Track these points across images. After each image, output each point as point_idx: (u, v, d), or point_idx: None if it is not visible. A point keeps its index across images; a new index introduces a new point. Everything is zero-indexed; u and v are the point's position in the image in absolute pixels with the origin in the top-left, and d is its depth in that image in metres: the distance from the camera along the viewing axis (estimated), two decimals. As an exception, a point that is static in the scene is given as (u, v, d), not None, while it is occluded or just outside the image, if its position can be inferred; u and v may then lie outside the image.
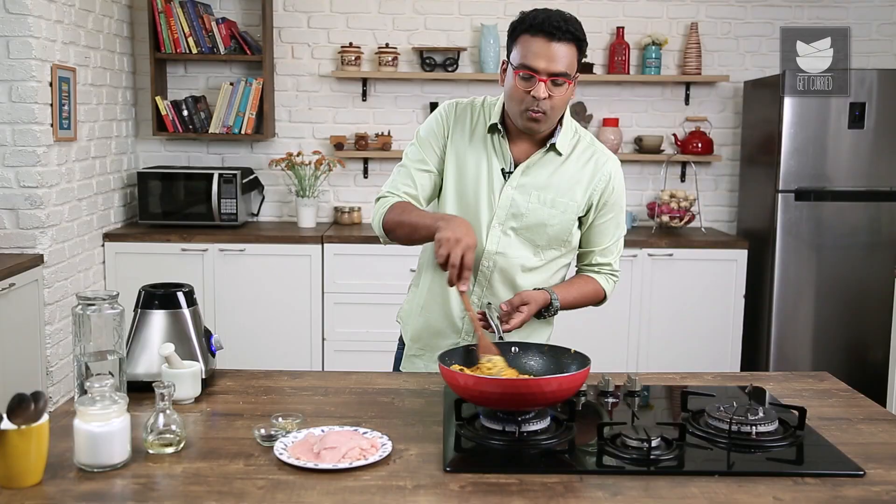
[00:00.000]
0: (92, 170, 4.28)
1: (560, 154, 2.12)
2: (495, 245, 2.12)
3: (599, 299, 2.25)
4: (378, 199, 2.17)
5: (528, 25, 1.97)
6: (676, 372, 2.21)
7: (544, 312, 2.09)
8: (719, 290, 4.55)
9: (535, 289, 2.11)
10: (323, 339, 4.46)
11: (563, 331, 4.39)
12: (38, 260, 3.71)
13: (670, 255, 4.50)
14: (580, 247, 2.22)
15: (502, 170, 2.12)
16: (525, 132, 2.08)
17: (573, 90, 2.05)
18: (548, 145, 2.10)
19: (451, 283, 1.88)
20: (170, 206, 4.58)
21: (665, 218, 4.72)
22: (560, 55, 1.95)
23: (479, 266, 2.13)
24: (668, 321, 4.53)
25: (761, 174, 4.67)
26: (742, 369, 4.61)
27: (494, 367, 1.82)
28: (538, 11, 1.98)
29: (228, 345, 4.38)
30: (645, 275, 4.50)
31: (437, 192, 2.20)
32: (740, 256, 4.54)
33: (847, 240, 4.47)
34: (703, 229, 4.85)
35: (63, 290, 3.93)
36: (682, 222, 4.72)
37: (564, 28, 1.94)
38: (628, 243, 4.45)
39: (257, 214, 4.95)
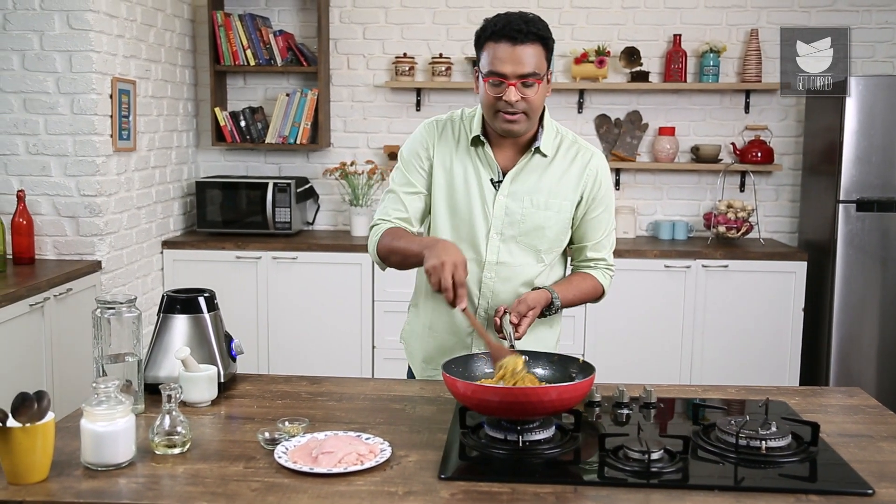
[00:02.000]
0: (151, 179, 4.42)
1: (545, 156, 2.13)
2: (495, 255, 2.13)
3: (598, 295, 2.26)
4: (371, 227, 2.20)
5: (491, 32, 1.99)
6: (700, 385, 2.16)
7: (545, 311, 2.09)
8: (777, 303, 4.42)
9: (534, 289, 2.12)
10: (373, 347, 4.51)
11: (614, 339, 4.33)
12: (95, 266, 3.84)
13: (725, 266, 4.40)
14: (572, 243, 2.24)
15: (491, 180, 2.13)
16: (505, 136, 2.09)
17: (548, 88, 2.06)
18: (532, 149, 2.11)
19: (452, 306, 1.90)
20: (227, 214, 4.69)
21: (721, 228, 4.62)
22: (526, 57, 1.96)
23: (482, 278, 2.14)
24: (723, 334, 4.43)
25: (822, 184, 4.54)
26: (801, 384, 4.47)
27: (507, 369, 1.81)
28: (500, 17, 2.00)
29: (279, 350, 4.51)
30: (699, 286, 4.41)
31: (429, 210, 2.21)
32: (799, 268, 4.40)
33: (913, 252, 4.31)
34: (761, 240, 4.72)
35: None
36: (739, 233, 4.61)
37: (526, 30, 1.95)
38: (682, 254, 4.42)
39: (312, 223, 5.03)
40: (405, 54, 4.84)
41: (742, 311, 4.42)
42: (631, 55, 4.74)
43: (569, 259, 2.31)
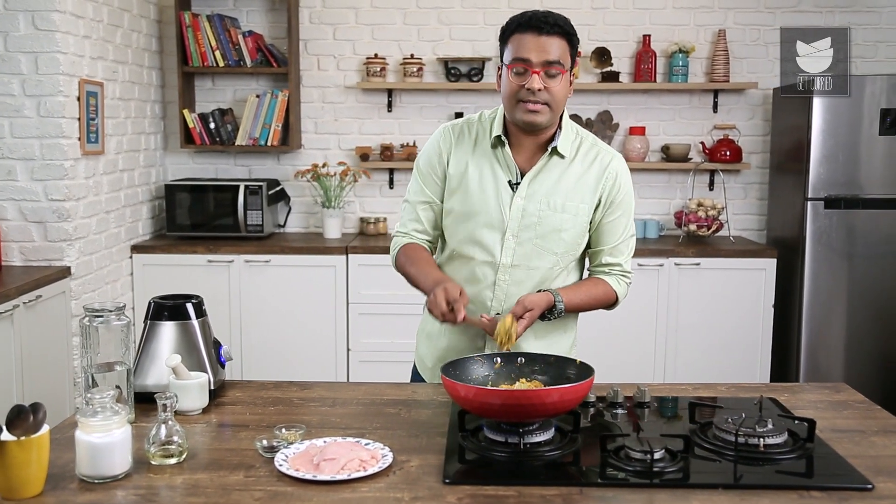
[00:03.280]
0: (120, 182, 4.34)
1: (563, 157, 2.11)
2: (510, 258, 2.11)
3: (611, 301, 2.22)
4: (394, 236, 2.25)
5: (517, 24, 2.02)
6: (690, 383, 2.17)
7: (548, 315, 2.07)
8: (748, 300, 4.48)
9: (538, 290, 2.10)
10: (348, 350, 4.48)
11: (589, 340, 4.35)
12: (65, 272, 3.76)
13: (697, 264, 4.45)
14: (589, 247, 2.21)
15: (509, 181, 2.11)
16: (526, 129, 2.07)
17: (570, 87, 2.06)
18: (550, 150, 2.10)
19: (455, 323, 1.95)
20: (197, 217, 4.63)
21: (692, 227, 4.67)
22: (551, 46, 1.98)
23: (496, 280, 2.12)
24: (696, 331, 4.48)
25: (790, 182, 4.60)
26: (771, 380, 4.53)
27: (501, 331, 1.94)
28: (525, 11, 2.03)
29: (253, 355, 4.46)
30: (672, 284, 4.45)
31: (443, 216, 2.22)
32: (769, 265, 4.46)
33: (879, 248, 4.38)
34: (731, 238, 4.78)
35: (90, 302, 3.97)
36: (710, 231, 4.66)
37: (552, 21, 1.99)
38: (655, 252, 4.45)
39: (284, 225, 4.98)
40: (376, 55, 4.82)
41: (714, 308, 4.48)
42: (601, 55, 4.77)
43: (586, 263, 2.29)
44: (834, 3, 4.85)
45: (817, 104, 4.31)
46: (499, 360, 1.90)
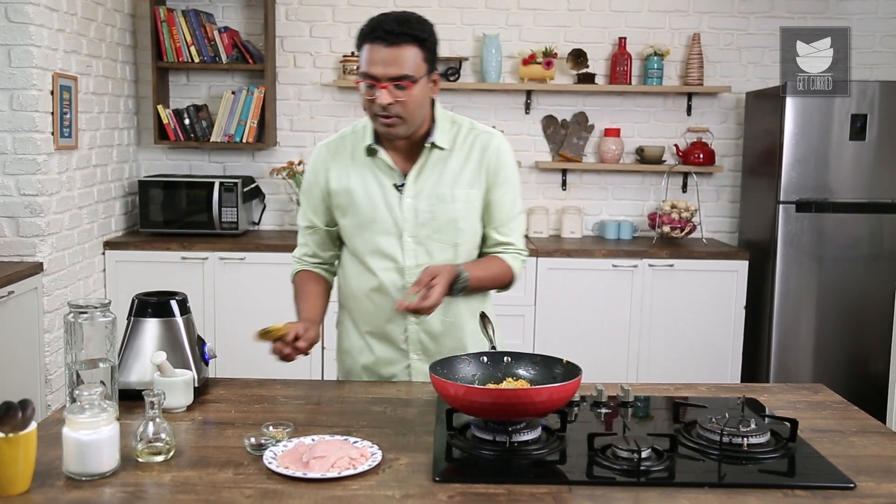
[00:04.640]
0: (93, 178, 4.29)
1: (443, 149, 2.10)
2: (413, 259, 2.11)
3: (509, 279, 2.20)
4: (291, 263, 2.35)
5: (365, 34, 1.97)
6: (671, 383, 2.20)
7: (454, 285, 2.03)
8: (720, 302, 4.53)
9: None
10: (322, 348, 4.46)
11: (561, 339, 4.39)
12: (37, 268, 3.71)
13: (671, 265, 4.49)
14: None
15: (394, 185, 2.11)
16: (389, 138, 2.07)
17: (434, 89, 2.04)
18: (428, 145, 2.09)
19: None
20: (171, 214, 4.59)
21: (666, 228, 4.72)
22: (399, 58, 1.93)
23: (405, 284, 2.11)
24: (668, 332, 4.52)
25: (762, 185, 4.67)
26: (742, 381, 4.59)
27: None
28: (374, 18, 1.98)
29: (228, 353, 4.42)
30: (645, 285, 4.49)
31: (336, 236, 2.23)
32: (741, 267, 4.52)
33: (848, 252, 4.46)
34: (704, 240, 4.84)
35: (62, 299, 3.93)
36: (683, 233, 4.71)
37: (399, 31, 1.93)
38: (629, 254, 4.49)
39: (258, 223, 4.96)
40: (353, 53, 4.81)
41: (687, 309, 4.52)
42: (577, 57, 4.80)
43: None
44: (806, 10, 4.92)
45: (789, 109, 4.37)
46: (484, 358, 1.91)
